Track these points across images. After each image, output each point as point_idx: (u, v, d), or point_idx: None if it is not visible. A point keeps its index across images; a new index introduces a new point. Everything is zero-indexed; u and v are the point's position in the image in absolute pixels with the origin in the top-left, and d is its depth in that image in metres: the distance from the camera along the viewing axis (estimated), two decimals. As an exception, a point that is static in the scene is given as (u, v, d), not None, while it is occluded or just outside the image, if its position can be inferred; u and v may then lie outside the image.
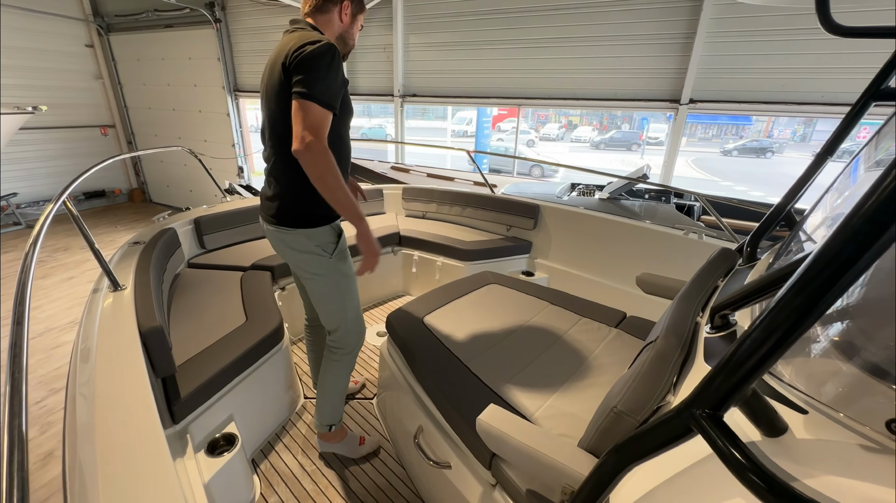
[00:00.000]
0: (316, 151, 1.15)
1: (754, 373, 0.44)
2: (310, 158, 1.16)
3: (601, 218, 2.47)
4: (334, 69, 1.19)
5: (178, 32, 7.48)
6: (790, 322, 0.39)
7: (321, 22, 1.31)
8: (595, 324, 1.73)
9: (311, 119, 1.15)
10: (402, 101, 6.53)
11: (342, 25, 1.35)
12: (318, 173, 1.18)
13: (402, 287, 2.84)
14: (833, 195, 1.11)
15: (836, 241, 0.35)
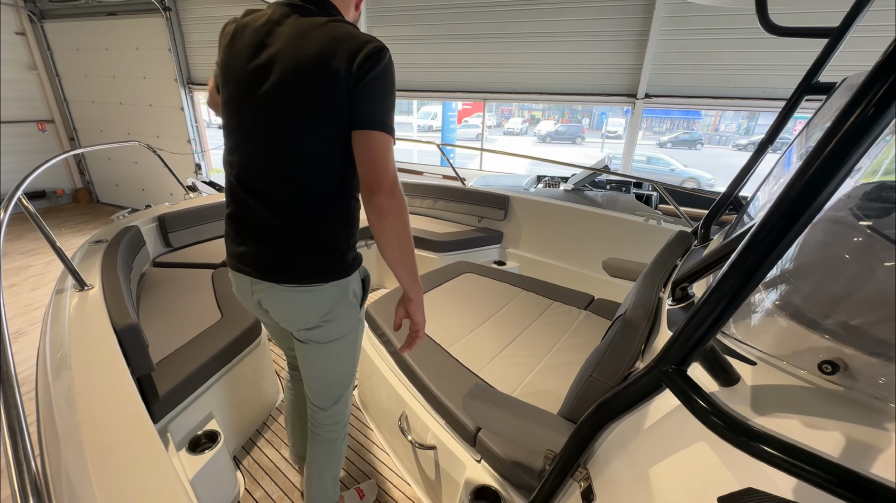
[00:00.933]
0: (402, 203, 0.91)
1: (711, 330, 0.51)
2: (396, 207, 0.89)
3: (567, 207, 2.58)
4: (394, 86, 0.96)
5: (122, 21, 7.02)
6: (738, 286, 0.47)
7: (341, 4, 0.98)
8: (565, 307, 1.83)
9: (391, 158, 0.90)
10: (368, 95, 6.46)
11: (356, 14, 1.06)
12: (400, 227, 0.92)
13: (377, 280, 2.85)
14: (770, 182, 1.24)
15: (771, 218, 0.43)
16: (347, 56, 0.85)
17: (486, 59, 5.80)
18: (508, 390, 1.27)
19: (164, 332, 1.49)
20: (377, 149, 0.88)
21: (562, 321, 1.71)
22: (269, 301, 1.02)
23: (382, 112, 0.90)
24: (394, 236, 0.92)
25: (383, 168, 0.88)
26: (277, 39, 0.89)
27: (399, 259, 0.95)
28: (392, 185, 0.88)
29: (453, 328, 1.59)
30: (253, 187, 0.96)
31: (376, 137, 0.88)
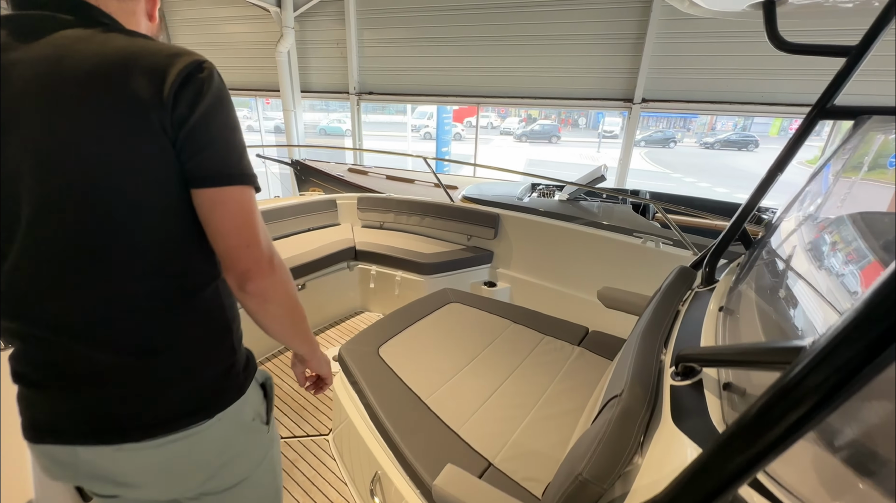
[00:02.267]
0: (285, 275, 0.68)
1: (735, 481, 0.38)
2: (282, 286, 0.66)
3: (560, 227, 2.44)
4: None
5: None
6: (780, 431, 0.34)
7: (121, 11, 0.63)
8: (558, 342, 1.70)
9: (258, 215, 0.64)
10: (359, 99, 6.31)
11: (151, 25, 0.73)
12: (288, 308, 0.69)
13: (359, 303, 2.70)
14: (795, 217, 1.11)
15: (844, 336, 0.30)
16: (149, 78, 0.53)
17: (480, 62, 5.67)
18: (491, 454, 1.14)
19: None
20: (238, 212, 0.60)
21: (553, 360, 1.58)
22: (120, 470, 0.67)
23: (237, 155, 0.61)
24: (283, 317, 0.70)
25: (253, 238, 0.61)
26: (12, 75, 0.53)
27: (291, 335, 0.75)
28: (269, 256, 0.63)
29: (433, 373, 1.46)
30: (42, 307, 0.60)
31: (234, 195, 0.60)
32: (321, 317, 2.51)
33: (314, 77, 6.46)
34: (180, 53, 0.57)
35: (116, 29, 0.59)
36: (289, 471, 1.58)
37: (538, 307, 2.52)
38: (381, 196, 2.94)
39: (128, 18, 0.65)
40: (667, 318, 1.12)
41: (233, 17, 6.33)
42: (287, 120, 6.37)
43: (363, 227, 2.95)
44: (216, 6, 6.36)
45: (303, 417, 1.84)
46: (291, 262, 2.27)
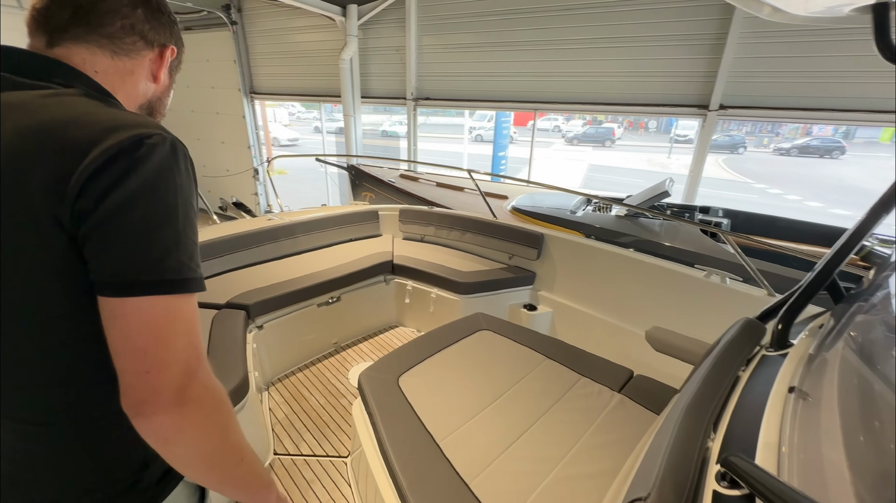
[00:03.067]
0: (207, 406, 0.53)
1: None
2: (197, 423, 0.52)
3: (609, 251, 2.24)
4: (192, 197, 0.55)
5: (196, 35, 7.52)
6: None
7: (116, 74, 0.59)
8: (596, 386, 1.54)
9: (183, 336, 0.51)
10: (415, 104, 6.36)
11: (158, 89, 0.70)
12: (210, 448, 0.54)
13: (394, 317, 2.69)
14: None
15: None
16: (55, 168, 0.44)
17: (540, 67, 5.48)
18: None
19: None
20: (142, 330, 0.48)
21: (589, 406, 1.43)
22: None
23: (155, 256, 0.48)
24: (197, 463, 0.54)
25: (158, 363, 0.48)
26: None
27: (217, 482, 0.58)
28: (177, 388, 0.49)
29: (453, 410, 1.37)
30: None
31: (139, 309, 0.48)
32: (355, 330, 2.53)
33: (374, 83, 6.63)
34: (120, 128, 0.47)
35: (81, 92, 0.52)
36: (304, 492, 1.58)
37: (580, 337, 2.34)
38: (423, 209, 2.91)
39: (122, 79, 0.60)
40: (721, 388, 0.94)
41: (303, 27, 6.67)
42: (346, 125, 6.59)
43: (404, 239, 2.94)
44: (289, 17, 6.73)
45: (325, 435, 1.85)
46: (329, 274, 2.30)
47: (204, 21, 7.25)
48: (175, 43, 0.71)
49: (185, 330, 0.51)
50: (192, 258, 0.53)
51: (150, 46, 0.64)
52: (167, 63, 0.69)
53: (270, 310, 2.07)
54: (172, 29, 0.70)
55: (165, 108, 0.79)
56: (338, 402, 2.03)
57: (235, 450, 0.57)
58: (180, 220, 0.51)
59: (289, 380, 2.18)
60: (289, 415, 1.95)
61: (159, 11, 0.65)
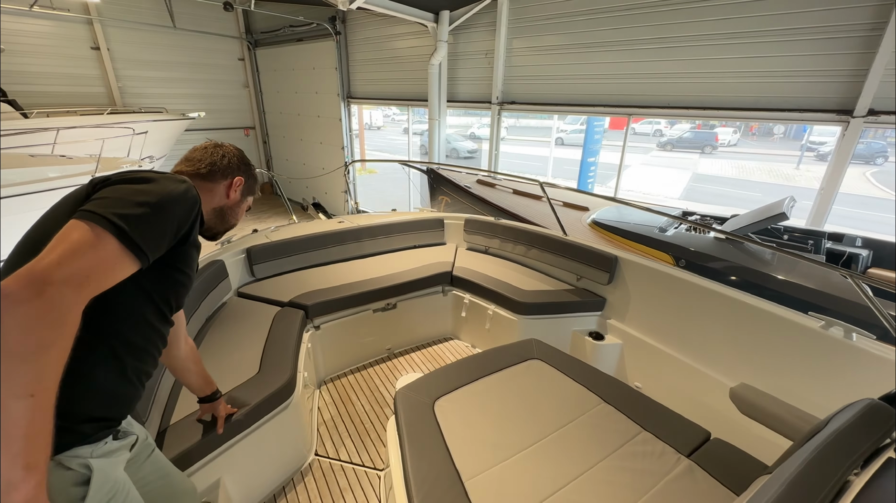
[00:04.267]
0: (49, 301, 0.55)
1: None
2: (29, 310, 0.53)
3: (697, 284, 1.91)
4: (173, 206, 0.74)
5: (306, 45, 8.27)
6: None
7: (203, 187, 1.02)
8: (660, 445, 1.32)
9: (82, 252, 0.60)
10: (500, 109, 6.26)
11: (229, 201, 1.10)
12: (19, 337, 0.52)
13: (450, 330, 2.63)
14: None
15: None
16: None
17: (637, 68, 5.02)
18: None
19: None
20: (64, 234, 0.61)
21: (646, 469, 1.22)
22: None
23: (108, 203, 0.67)
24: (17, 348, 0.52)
25: (56, 252, 0.58)
26: None
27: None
28: (44, 278, 0.54)
29: (486, 447, 1.27)
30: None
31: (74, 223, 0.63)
32: (409, 339, 2.52)
33: (460, 87, 6.66)
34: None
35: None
36: (335, 498, 1.60)
37: (650, 378, 2.08)
38: (489, 220, 2.80)
39: (205, 191, 1.04)
40: (826, 490, 0.73)
41: (397, 34, 6.95)
42: (431, 129, 6.72)
43: (468, 249, 2.87)
44: (386, 25, 7.07)
45: (364, 444, 1.86)
46: (387, 281, 2.32)
47: (314, 32, 7.94)
48: (243, 174, 1.12)
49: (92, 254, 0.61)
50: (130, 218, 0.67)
51: (225, 177, 1.08)
52: (236, 184, 1.10)
53: (328, 312, 2.16)
54: (245, 169, 1.13)
55: (234, 216, 1.15)
56: (381, 412, 2.04)
57: (35, 377, 0.53)
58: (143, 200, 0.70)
59: (339, 381, 2.25)
60: (334, 416, 2.01)
61: (232, 157, 1.10)
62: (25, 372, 0.52)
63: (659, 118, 5.38)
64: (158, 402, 1.37)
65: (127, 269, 0.67)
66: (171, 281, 0.84)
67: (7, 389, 0.51)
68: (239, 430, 1.42)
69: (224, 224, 1.11)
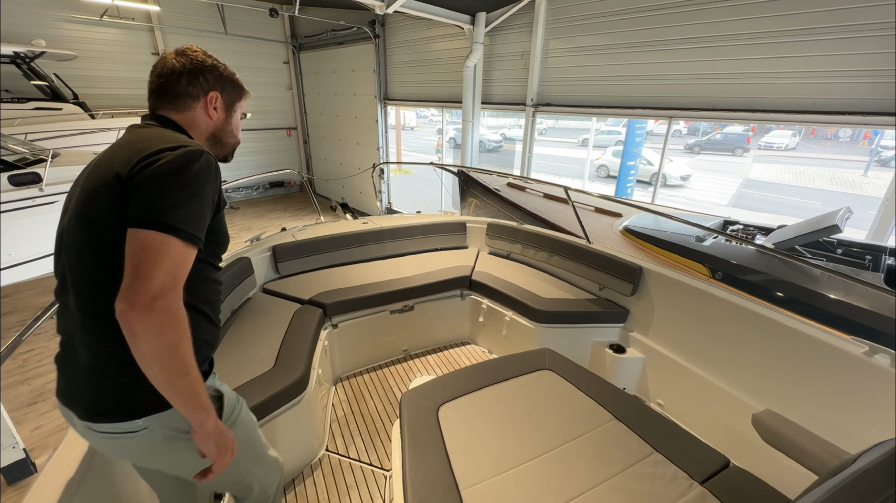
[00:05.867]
0: (164, 313, 0.73)
1: None
2: (154, 322, 0.71)
3: (726, 300, 1.79)
4: (204, 185, 0.83)
5: (346, 48, 8.50)
6: None
7: (183, 122, 0.96)
8: (672, 468, 1.25)
9: (165, 262, 0.74)
10: (535, 111, 6.16)
11: (214, 123, 1.00)
12: (164, 346, 0.73)
13: (467, 334, 2.61)
14: None
15: None
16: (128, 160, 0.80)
17: (680, 68, 4.80)
18: None
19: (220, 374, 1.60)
20: (140, 250, 0.74)
21: (656, 493, 1.16)
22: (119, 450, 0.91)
23: (162, 207, 0.76)
24: (149, 359, 0.73)
25: (143, 274, 0.72)
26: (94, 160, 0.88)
27: (164, 385, 0.76)
28: (149, 297, 0.71)
29: (488, 457, 1.25)
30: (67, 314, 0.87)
31: (142, 236, 0.74)
32: (425, 341, 2.53)
33: (495, 89, 6.62)
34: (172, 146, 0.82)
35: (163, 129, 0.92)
36: (342, 495, 1.64)
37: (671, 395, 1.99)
38: (511, 224, 2.77)
39: (188, 124, 0.97)
40: None
41: (434, 36, 7.01)
42: (465, 130, 6.72)
43: (489, 253, 2.84)
44: (423, 28, 7.15)
45: (374, 444, 1.88)
46: (405, 283, 2.35)
47: (354, 36, 8.15)
48: (219, 88, 1.00)
49: (169, 261, 0.74)
50: (188, 220, 0.79)
51: (196, 99, 0.97)
52: (212, 103, 0.99)
53: (346, 311, 2.21)
54: (215, 78, 0.99)
55: (231, 135, 1.08)
56: (393, 412, 2.06)
57: (182, 364, 0.76)
58: (188, 194, 0.79)
59: (354, 380, 2.30)
60: (347, 414, 2.05)
61: (197, 72, 0.96)
62: (174, 361, 0.75)
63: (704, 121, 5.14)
64: None
65: (192, 255, 0.82)
66: (216, 245, 0.97)
67: (171, 376, 0.75)
68: None
69: (224, 147, 1.06)
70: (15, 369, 3.42)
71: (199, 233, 0.82)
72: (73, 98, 6.35)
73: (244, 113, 1.10)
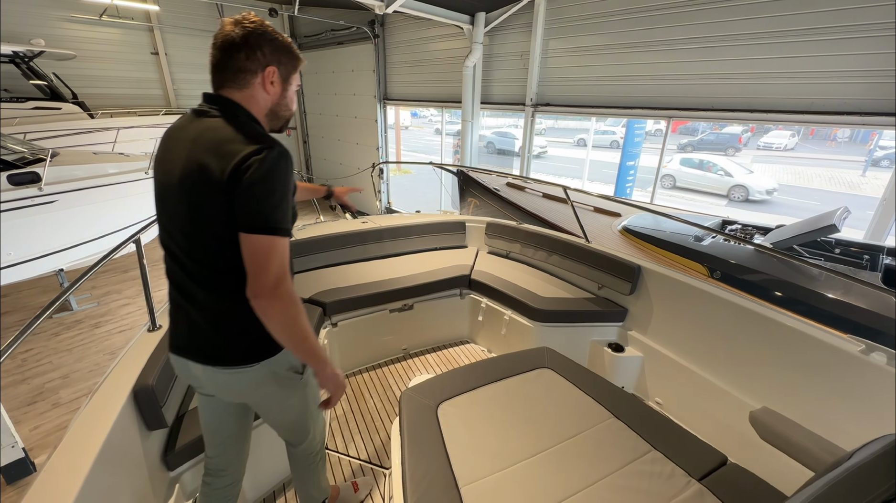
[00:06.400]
0: (285, 297, 0.94)
1: None
2: (279, 306, 0.94)
3: (724, 299, 1.80)
4: (287, 182, 0.96)
5: (346, 48, 8.51)
6: None
7: (243, 99, 1.00)
8: (669, 465, 1.26)
9: (276, 257, 0.93)
10: (534, 111, 6.17)
11: (271, 97, 1.04)
12: (287, 322, 0.97)
13: (466, 333, 2.62)
14: None
15: None
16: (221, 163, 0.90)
17: (680, 68, 4.81)
18: None
19: None
20: (256, 251, 0.92)
21: (653, 491, 1.17)
22: (215, 385, 1.12)
23: (264, 214, 0.92)
24: (281, 331, 0.98)
25: (263, 270, 0.92)
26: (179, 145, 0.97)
27: (291, 348, 1.03)
28: (272, 287, 0.92)
29: (486, 454, 1.26)
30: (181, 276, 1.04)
31: (255, 240, 0.92)
32: (425, 340, 2.54)
33: (494, 89, 6.63)
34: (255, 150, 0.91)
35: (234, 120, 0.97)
36: (343, 491, 1.64)
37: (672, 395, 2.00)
38: (510, 224, 2.77)
39: (248, 101, 1.02)
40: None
41: (433, 36, 7.01)
42: (464, 130, 6.73)
43: (489, 253, 2.84)
44: (422, 28, 7.15)
45: (373, 442, 1.89)
46: (405, 282, 2.35)
47: (354, 36, 8.15)
48: (275, 62, 1.02)
49: (278, 256, 0.93)
50: (283, 217, 0.95)
51: (254, 74, 1.00)
52: (269, 78, 1.02)
53: (345, 310, 2.21)
54: (272, 51, 1.01)
55: (286, 108, 1.11)
56: (392, 411, 2.07)
57: (302, 330, 0.99)
58: (278, 195, 0.93)
59: (354, 378, 2.30)
60: (346, 412, 2.06)
61: (255, 47, 0.98)
62: (297, 330, 0.98)
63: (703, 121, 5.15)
64: (179, 390, 1.46)
65: (288, 244, 0.99)
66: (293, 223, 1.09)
67: (297, 340, 0.99)
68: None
69: (279, 120, 1.11)
70: (14, 369, 3.42)
71: (290, 224, 0.99)
72: (72, 97, 6.35)
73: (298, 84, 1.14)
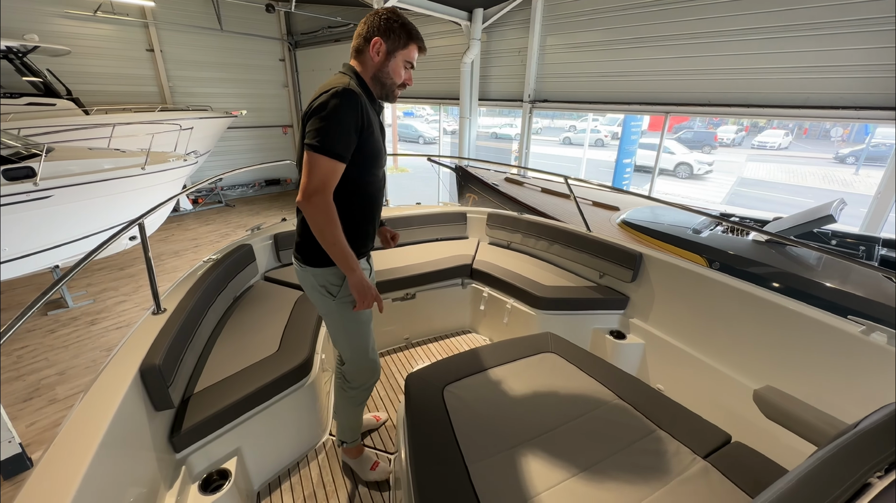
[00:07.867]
0: (316, 205, 1.17)
1: None
2: (310, 211, 1.18)
3: (724, 284, 1.81)
4: (343, 116, 1.16)
5: (343, 45, 8.49)
6: None
7: (359, 63, 1.29)
8: (674, 444, 1.27)
9: (316, 172, 1.16)
10: (532, 107, 6.19)
11: (374, 65, 1.27)
12: (317, 227, 1.21)
13: (468, 323, 2.62)
14: None
15: None
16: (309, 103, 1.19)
17: (677, 64, 4.84)
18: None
19: (226, 357, 1.61)
20: (306, 163, 1.16)
21: (658, 467, 1.17)
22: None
23: (314, 135, 1.14)
24: (316, 231, 1.21)
25: (307, 178, 1.16)
26: None
27: (326, 250, 1.25)
28: (309, 193, 1.16)
29: (492, 435, 1.26)
30: None
31: (306, 155, 1.16)
32: (427, 329, 2.54)
33: (492, 85, 6.64)
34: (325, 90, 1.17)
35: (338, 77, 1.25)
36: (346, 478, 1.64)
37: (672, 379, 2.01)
38: (511, 214, 2.78)
39: (361, 66, 1.28)
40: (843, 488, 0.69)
41: (431, 33, 7.01)
42: (462, 127, 6.73)
43: (490, 244, 2.85)
44: (421, 24, 7.14)
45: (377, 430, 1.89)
46: (407, 272, 2.35)
47: (350, 33, 8.14)
48: (381, 34, 1.24)
49: (316, 171, 1.15)
50: (327, 141, 1.14)
51: (366, 42, 1.25)
52: (374, 48, 1.24)
53: None
54: (380, 25, 1.24)
55: (388, 76, 1.29)
56: (396, 398, 2.06)
57: (329, 237, 1.21)
58: (327, 123, 1.14)
59: None
60: None
61: (368, 22, 1.25)
62: (324, 236, 1.21)
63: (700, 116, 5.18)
64: (184, 371, 1.45)
65: (339, 168, 1.19)
66: (364, 158, 1.26)
67: (325, 243, 1.23)
68: (256, 404, 1.48)
69: (385, 87, 1.30)
70: (10, 365, 3.39)
71: (342, 150, 1.17)
72: (66, 94, 6.30)
73: (410, 63, 1.30)
